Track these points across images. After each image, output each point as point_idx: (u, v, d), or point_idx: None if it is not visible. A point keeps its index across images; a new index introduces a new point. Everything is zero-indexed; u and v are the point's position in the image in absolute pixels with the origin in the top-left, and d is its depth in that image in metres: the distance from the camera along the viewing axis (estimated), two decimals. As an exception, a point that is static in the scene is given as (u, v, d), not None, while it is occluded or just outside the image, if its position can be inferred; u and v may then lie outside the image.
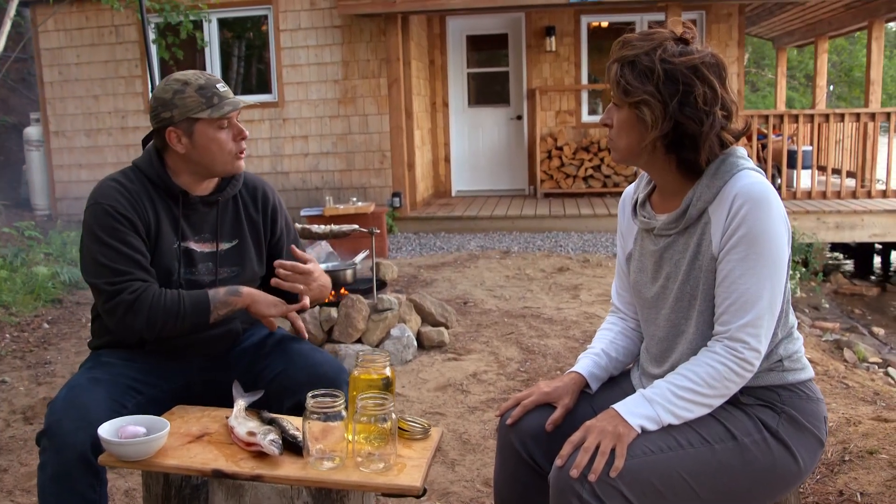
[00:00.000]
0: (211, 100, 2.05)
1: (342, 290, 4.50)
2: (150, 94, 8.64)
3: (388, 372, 1.80)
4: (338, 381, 2.07)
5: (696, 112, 1.63)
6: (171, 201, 2.13)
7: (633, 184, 1.96)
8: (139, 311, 1.99)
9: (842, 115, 8.87)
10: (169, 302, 2.02)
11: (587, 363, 1.92)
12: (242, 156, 2.15)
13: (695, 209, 1.69)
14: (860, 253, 9.69)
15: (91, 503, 1.86)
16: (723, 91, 1.65)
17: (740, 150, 1.73)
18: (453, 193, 11.05)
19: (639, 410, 1.65)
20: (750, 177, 1.65)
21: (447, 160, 11.04)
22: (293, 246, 2.24)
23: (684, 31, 1.69)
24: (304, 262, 2.13)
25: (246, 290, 2.11)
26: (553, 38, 10.53)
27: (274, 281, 2.10)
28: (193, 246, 2.16)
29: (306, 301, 2.14)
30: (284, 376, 2.13)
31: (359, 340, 4.30)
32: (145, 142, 2.24)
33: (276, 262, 2.11)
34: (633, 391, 1.81)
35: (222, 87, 2.09)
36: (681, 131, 1.65)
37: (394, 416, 1.64)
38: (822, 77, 12.59)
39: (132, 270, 2.02)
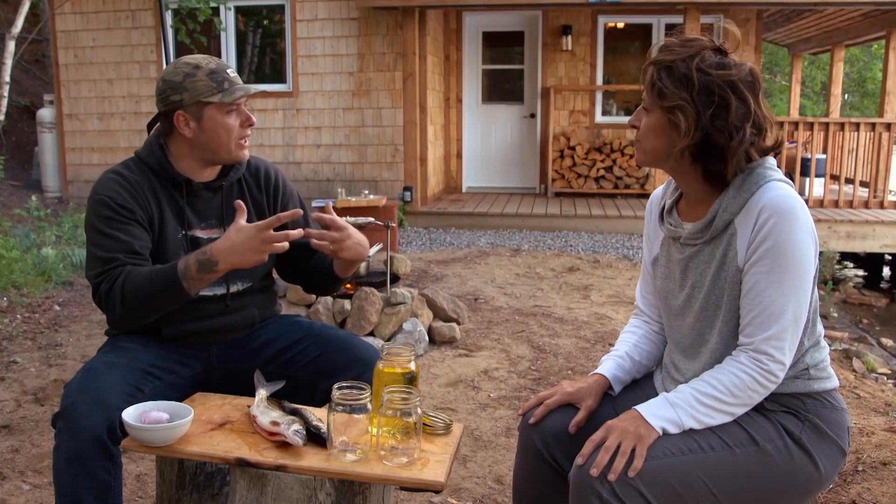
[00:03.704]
0: (222, 84, 2.05)
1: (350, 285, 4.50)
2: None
3: (412, 366, 1.79)
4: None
5: (726, 125, 1.62)
6: (174, 190, 2.12)
7: (661, 186, 1.95)
8: (114, 298, 1.94)
9: (857, 125, 8.84)
10: (139, 283, 1.92)
11: (611, 365, 1.92)
12: (245, 144, 2.13)
13: (721, 220, 1.68)
14: (870, 263, 9.65)
15: (105, 485, 1.86)
16: (756, 107, 1.64)
17: (770, 160, 1.72)
18: (464, 189, 11.04)
19: (661, 413, 1.65)
20: (777, 189, 1.64)
21: (459, 156, 11.03)
22: (320, 214, 2.05)
23: (723, 41, 1.68)
24: (336, 225, 2.00)
25: (219, 255, 1.89)
26: (569, 38, 10.50)
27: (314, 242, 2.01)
28: (200, 234, 2.14)
29: (297, 232, 1.93)
30: (323, 359, 2.13)
31: (371, 333, 4.30)
32: (150, 127, 2.23)
33: (304, 231, 1.98)
34: (656, 394, 1.81)
35: (232, 72, 2.09)
36: (709, 142, 1.64)
37: (419, 410, 1.64)
38: (837, 85, 12.54)
39: (117, 256, 1.97)
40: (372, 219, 4.27)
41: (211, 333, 2.17)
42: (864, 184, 9.25)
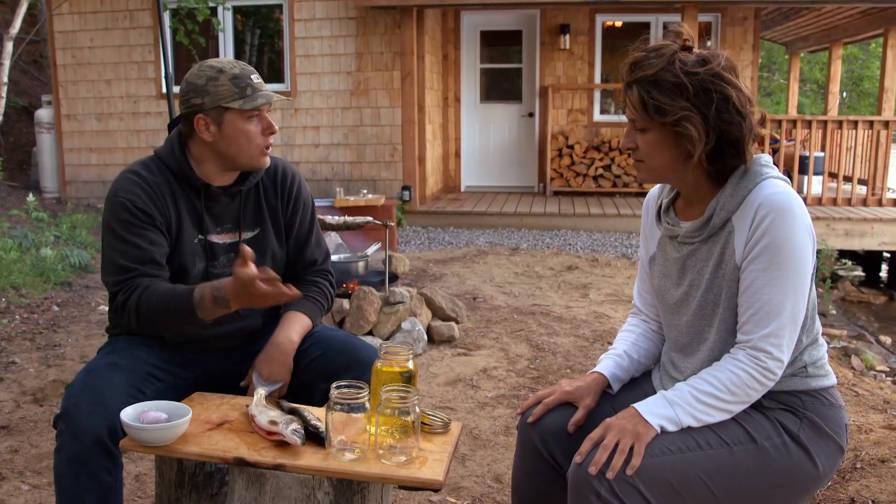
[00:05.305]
0: (244, 90, 2.01)
1: (353, 283, 4.50)
2: (164, 80, 8.58)
3: (410, 365, 1.79)
4: None
5: (733, 116, 1.61)
6: (192, 193, 2.10)
7: (657, 185, 1.94)
8: (130, 312, 1.96)
9: (855, 123, 8.83)
10: (155, 302, 1.93)
11: (609, 364, 1.92)
12: (269, 151, 2.11)
13: (718, 218, 1.68)
14: (868, 261, 9.66)
15: (107, 486, 1.86)
16: (746, 90, 1.65)
17: (765, 157, 1.72)
18: (462, 189, 11.04)
19: (659, 411, 1.65)
20: (774, 186, 1.64)
21: (457, 155, 11.03)
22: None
23: (685, 38, 1.67)
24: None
25: (231, 297, 1.85)
26: (567, 37, 10.51)
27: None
28: (215, 238, 2.13)
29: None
30: (322, 360, 2.11)
31: (369, 333, 4.30)
32: (171, 127, 2.21)
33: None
34: (654, 393, 1.81)
35: (256, 78, 2.06)
36: (722, 139, 1.64)
37: (417, 409, 1.64)
38: (835, 84, 12.53)
39: (137, 267, 1.97)
40: (370, 218, 4.27)
41: (214, 340, 2.17)
42: (862, 181, 9.25)
